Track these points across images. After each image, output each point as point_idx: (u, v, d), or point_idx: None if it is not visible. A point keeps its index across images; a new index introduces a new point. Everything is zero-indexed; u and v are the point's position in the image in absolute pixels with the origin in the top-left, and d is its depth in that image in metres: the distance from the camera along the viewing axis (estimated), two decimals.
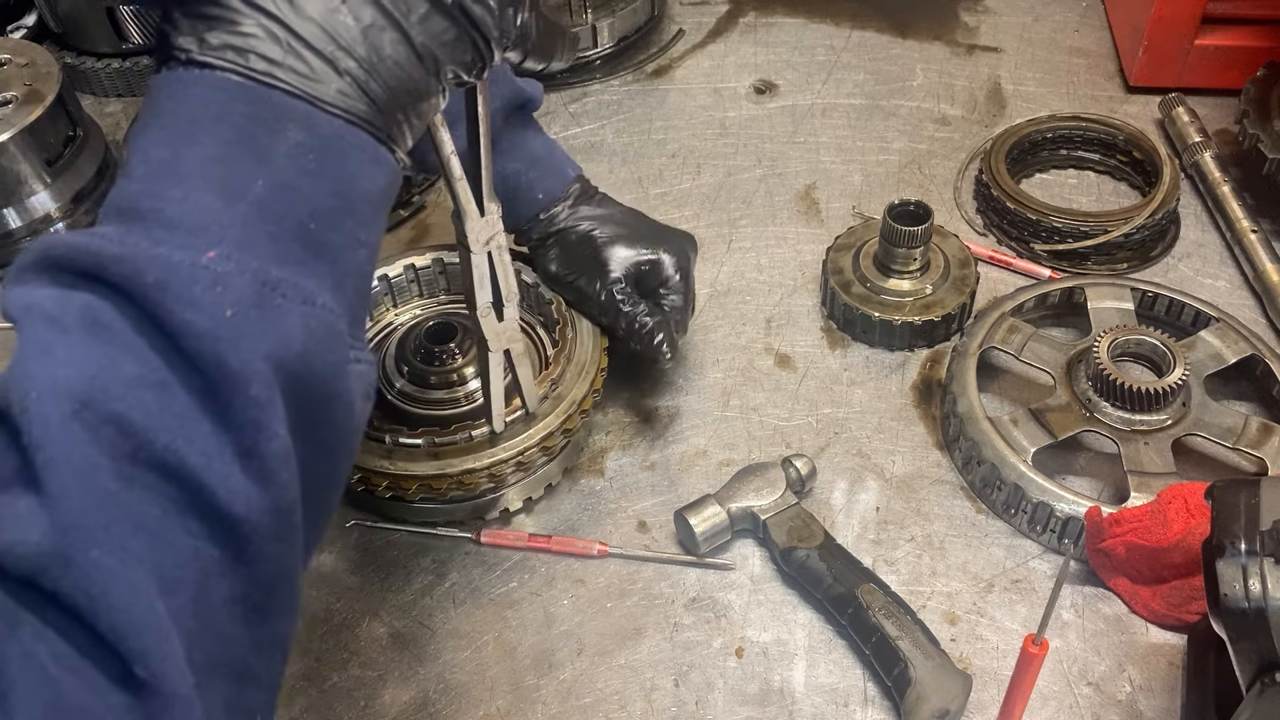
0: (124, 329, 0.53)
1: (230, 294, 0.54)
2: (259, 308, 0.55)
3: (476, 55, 0.67)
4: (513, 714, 0.98)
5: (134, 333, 0.53)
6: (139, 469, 0.52)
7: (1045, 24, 1.71)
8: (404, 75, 0.63)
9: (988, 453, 1.08)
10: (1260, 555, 0.75)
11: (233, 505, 0.53)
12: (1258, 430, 1.08)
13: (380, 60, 0.61)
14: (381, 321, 1.23)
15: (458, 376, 1.11)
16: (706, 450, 1.17)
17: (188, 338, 0.53)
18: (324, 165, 0.59)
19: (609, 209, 1.16)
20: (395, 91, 0.63)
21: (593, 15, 1.57)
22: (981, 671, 0.98)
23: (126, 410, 0.51)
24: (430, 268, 1.24)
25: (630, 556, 1.08)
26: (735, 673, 1.00)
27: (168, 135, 0.58)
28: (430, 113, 0.67)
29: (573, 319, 1.15)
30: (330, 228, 0.60)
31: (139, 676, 0.49)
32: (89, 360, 0.52)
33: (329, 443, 0.61)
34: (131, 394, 0.52)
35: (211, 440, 0.53)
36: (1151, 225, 1.32)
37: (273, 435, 0.55)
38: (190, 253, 0.54)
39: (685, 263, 1.15)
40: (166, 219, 0.55)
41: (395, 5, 0.61)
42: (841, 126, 1.55)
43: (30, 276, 0.55)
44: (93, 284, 0.54)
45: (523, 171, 1.13)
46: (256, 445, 0.54)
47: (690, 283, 1.16)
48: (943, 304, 1.24)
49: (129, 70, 1.63)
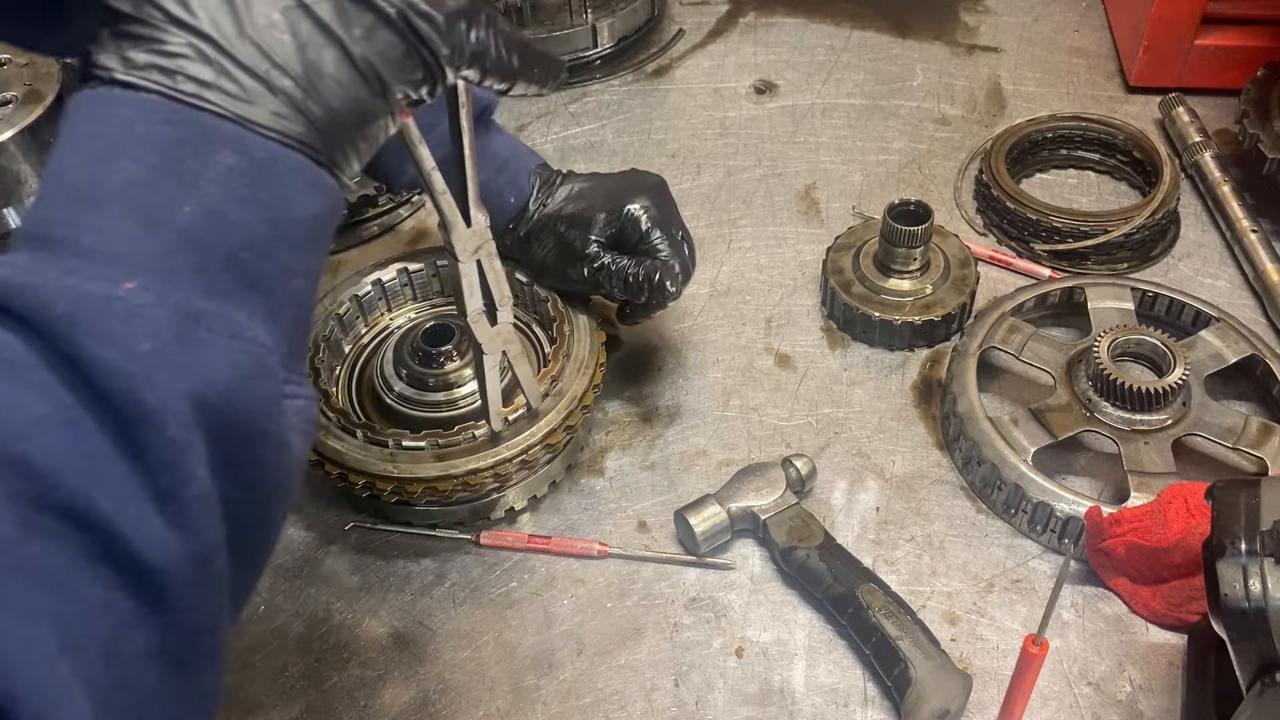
0: (30, 363, 0.49)
1: (148, 327, 0.51)
2: (180, 342, 0.52)
3: (427, 73, 0.63)
4: (513, 714, 0.98)
5: (42, 367, 0.49)
6: (43, 515, 0.47)
7: (1045, 24, 1.71)
8: (346, 95, 0.59)
9: (988, 453, 1.08)
10: (1260, 555, 0.75)
11: (148, 553, 0.50)
12: (1258, 430, 1.08)
13: (319, 79, 0.58)
14: (377, 326, 1.24)
15: (456, 378, 1.11)
16: (706, 450, 1.17)
17: (100, 374, 0.49)
18: (256, 191, 0.56)
19: (570, 186, 1.15)
20: (337, 112, 0.59)
21: (593, 15, 1.57)
22: (981, 671, 0.98)
23: (30, 451, 0.47)
24: (423, 270, 1.24)
25: (630, 556, 1.08)
26: (735, 673, 1.00)
27: (85, 158, 0.54)
28: (380, 135, 0.64)
29: (569, 315, 1.15)
30: (263, 256, 0.57)
31: None
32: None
33: (258, 483, 0.57)
34: (37, 433, 0.48)
35: (125, 484, 0.50)
36: (1151, 225, 1.32)
37: (191, 478, 0.51)
38: (105, 284, 0.51)
39: (655, 204, 1.12)
40: (81, 247, 0.52)
41: (335, 20, 0.58)
42: (841, 126, 1.55)
43: None
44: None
45: (492, 179, 1.12)
46: (174, 489, 0.51)
47: (670, 219, 1.12)
48: (943, 304, 1.24)
49: None
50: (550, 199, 1.14)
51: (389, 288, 1.23)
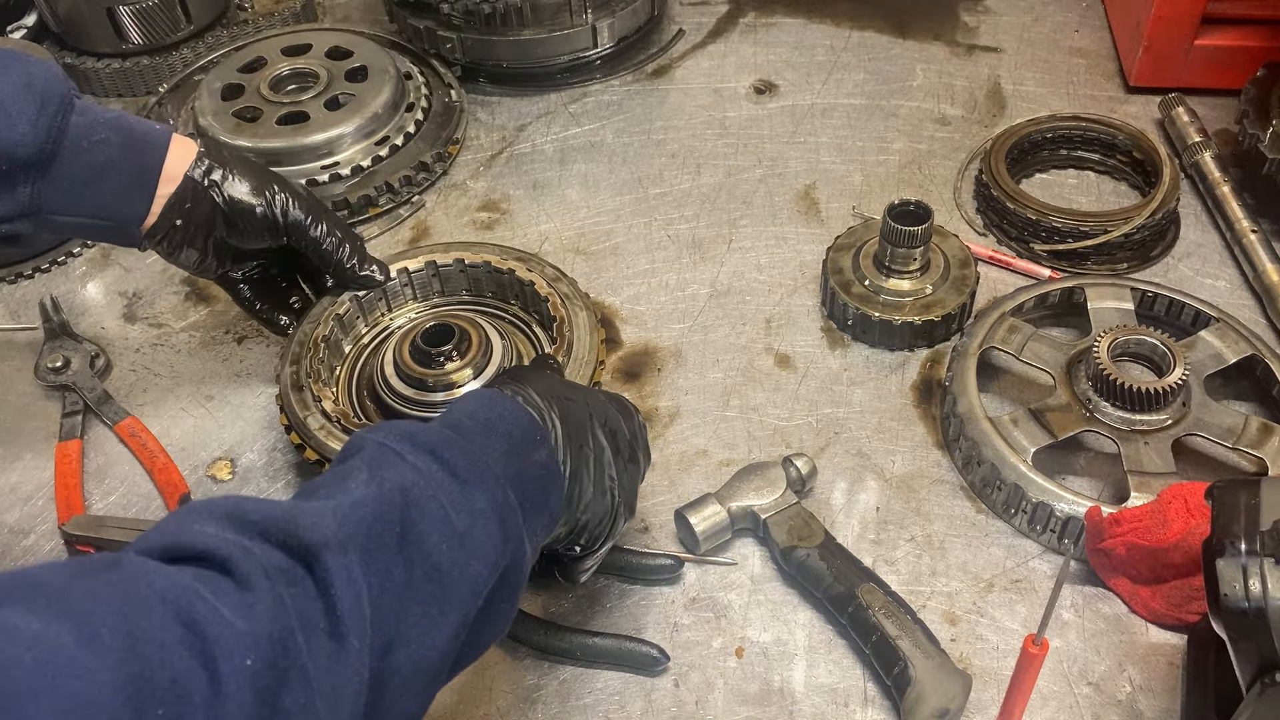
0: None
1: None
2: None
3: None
4: (513, 714, 0.98)
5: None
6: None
7: (1045, 24, 1.71)
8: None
9: (988, 453, 1.08)
10: (1260, 555, 0.75)
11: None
12: (1258, 430, 1.08)
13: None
14: (378, 326, 1.24)
15: (456, 378, 1.11)
16: (706, 450, 1.17)
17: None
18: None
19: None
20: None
21: (593, 15, 1.57)
22: (981, 671, 0.98)
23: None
24: (423, 271, 1.24)
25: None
26: (735, 673, 1.00)
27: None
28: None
29: (570, 315, 1.15)
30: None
31: None
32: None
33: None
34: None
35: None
36: (1151, 225, 1.32)
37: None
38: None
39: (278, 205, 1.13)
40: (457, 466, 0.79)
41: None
42: (841, 126, 1.55)
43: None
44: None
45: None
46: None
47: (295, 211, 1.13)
48: (943, 304, 1.24)
49: (129, 70, 1.63)
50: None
51: (389, 288, 1.23)
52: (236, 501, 0.67)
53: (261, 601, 0.61)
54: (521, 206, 1.46)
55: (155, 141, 1.06)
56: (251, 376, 1.28)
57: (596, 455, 0.88)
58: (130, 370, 1.29)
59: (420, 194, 1.48)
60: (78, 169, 1.01)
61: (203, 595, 0.59)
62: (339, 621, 0.63)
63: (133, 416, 1.22)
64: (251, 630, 0.59)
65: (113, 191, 1.04)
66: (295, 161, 1.42)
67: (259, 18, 1.72)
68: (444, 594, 0.71)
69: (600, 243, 1.41)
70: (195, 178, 1.08)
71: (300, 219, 1.12)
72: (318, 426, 1.08)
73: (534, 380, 0.89)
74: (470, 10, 1.53)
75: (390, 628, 0.67)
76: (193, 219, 1.09)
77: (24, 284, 1.40)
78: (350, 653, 0.63)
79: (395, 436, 0.76)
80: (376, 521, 0.69)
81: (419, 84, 1.56)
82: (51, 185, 1.00)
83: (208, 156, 1.09)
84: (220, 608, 0.59)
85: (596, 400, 0.93)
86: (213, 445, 1.21)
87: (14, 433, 1.23)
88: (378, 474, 0.73)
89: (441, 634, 0.71)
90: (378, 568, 0.67)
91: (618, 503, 0.91)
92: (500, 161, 1.53)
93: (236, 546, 0.62)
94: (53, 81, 1.00)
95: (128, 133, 1.04)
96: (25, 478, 1.19)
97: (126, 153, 1.04)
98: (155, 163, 1.05)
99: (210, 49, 1.65)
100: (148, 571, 0.60)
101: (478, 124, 1.59)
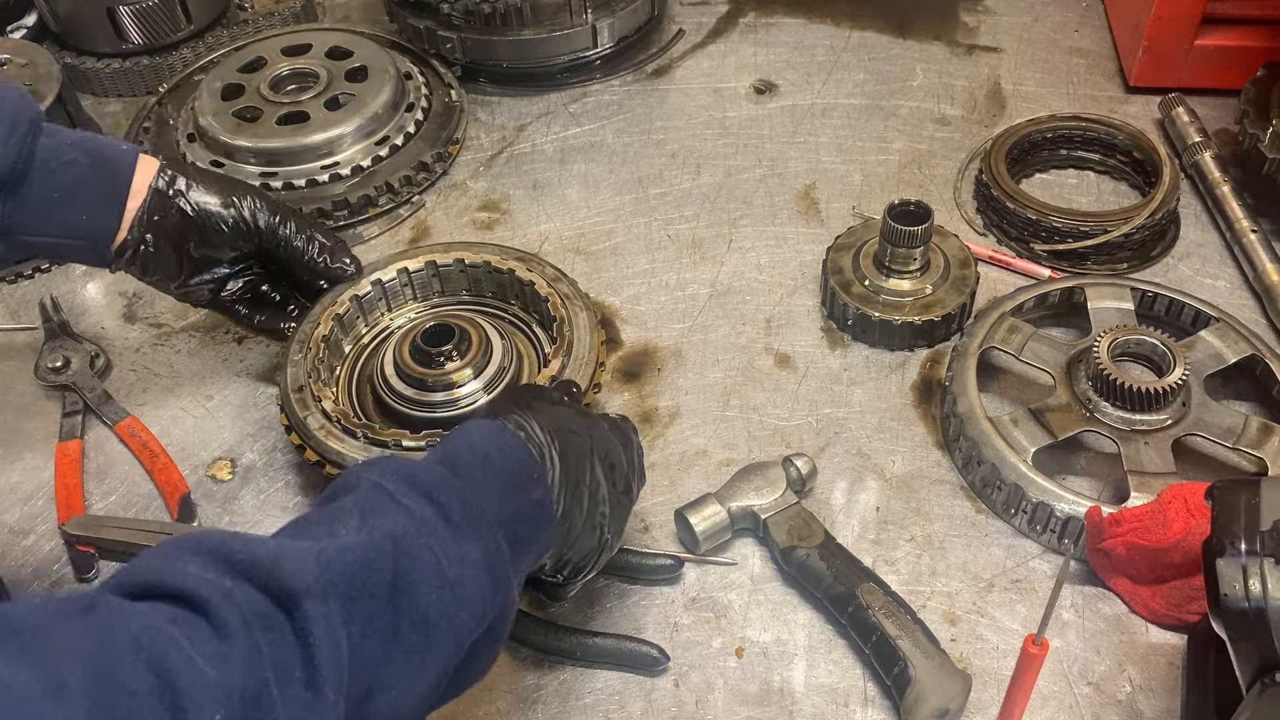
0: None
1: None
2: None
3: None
4: (513, 714, 0.98)
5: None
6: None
7: (1045, 24, 1.71)
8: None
9: (988, 453, 1.08)
10: (1260, 555, 0.75)
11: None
12: (1258, 430, 1.08)
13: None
14: (378, 326, 1.24)
15: (456, 378, 1.11)
16: (706, 450, 1.17)
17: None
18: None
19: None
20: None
21: (593, 15, 1.57)
22: (981, 671, 0.98)
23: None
24: (423, 271, 1.24)
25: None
26: (735, 673, 1.00)
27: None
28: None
29: (570, 315, 1.15)
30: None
31: None
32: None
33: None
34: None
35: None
36: (1151, 225, 1.32)
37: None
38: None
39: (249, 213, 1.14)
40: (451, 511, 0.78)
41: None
42: (841, 126, 1.55)
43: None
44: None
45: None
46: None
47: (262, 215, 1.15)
48: (943, 304, 1.24)
49: (129, 70, 1.63)
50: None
51: (389, 288, 1.23)
52: (222, 538, 0.66)
53: (237, 651, 0.60)
54: (521, 206, 1.46)
55: (123, 161, 1.08)
56: (251, 376, 1.28)
57: (591, 492, 0.88)
58: (130, 370, 1.29)
59: (420, 194, 1.48)
60: (47, 189, 1.03)
61: (178, 642, 0.59)
62: (316, 671, 0.63)
63: (133, 416, 1.22)
64: (224, 682, 0.59)
65: (82, 210, 1.06)
66: (295, 161, 1.42)
67: (259, 18, 1.72)
68: (429, 643, 0.71)
69: (600, 243, 1.41)
70: (160, 188, 1.09)
71: (269, 219, 1.14)
72: (318, 426, 1.08)
73: (540, 411, 0.88)
74: (470, 10, 1.53)
75: (370, 675, 0.67)
76: (162, 231, 1.10)
77: (24, 284, 1.40)
78: (325, 704, 0.63)
79: (391, 476, 0.76)
80: (363, 569, 0.69)
81: (419, 84, 1.56)
82: (21, 206, 1.01)
83: (170, 168, 1.11)
84: (194, 656, 0.58)
85: (600, 432, 0.92)
86: (213, 445, 1.21)
87: (14, 433, 1.23)
88: (369, 520, 0.72)
89: (423, 682, 0.71)
90: (360, 616, 0.67)
91: (605, 538, 0.91)
92: (500, 161, 1.53)
93: (217, 589, 0.62)
94: (22, 105, 1.02)
95: (96, 153, 1.06)
96: (25, 478, 1.19)
97: (95, 172, 1.06)
98: (124, 181, 1.07)
99: (210, 49, 1.65)
100: (124, 614, 0.59)
101: (478, 124, 1.59)
